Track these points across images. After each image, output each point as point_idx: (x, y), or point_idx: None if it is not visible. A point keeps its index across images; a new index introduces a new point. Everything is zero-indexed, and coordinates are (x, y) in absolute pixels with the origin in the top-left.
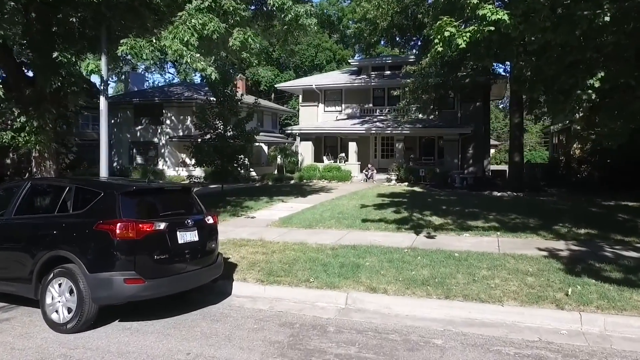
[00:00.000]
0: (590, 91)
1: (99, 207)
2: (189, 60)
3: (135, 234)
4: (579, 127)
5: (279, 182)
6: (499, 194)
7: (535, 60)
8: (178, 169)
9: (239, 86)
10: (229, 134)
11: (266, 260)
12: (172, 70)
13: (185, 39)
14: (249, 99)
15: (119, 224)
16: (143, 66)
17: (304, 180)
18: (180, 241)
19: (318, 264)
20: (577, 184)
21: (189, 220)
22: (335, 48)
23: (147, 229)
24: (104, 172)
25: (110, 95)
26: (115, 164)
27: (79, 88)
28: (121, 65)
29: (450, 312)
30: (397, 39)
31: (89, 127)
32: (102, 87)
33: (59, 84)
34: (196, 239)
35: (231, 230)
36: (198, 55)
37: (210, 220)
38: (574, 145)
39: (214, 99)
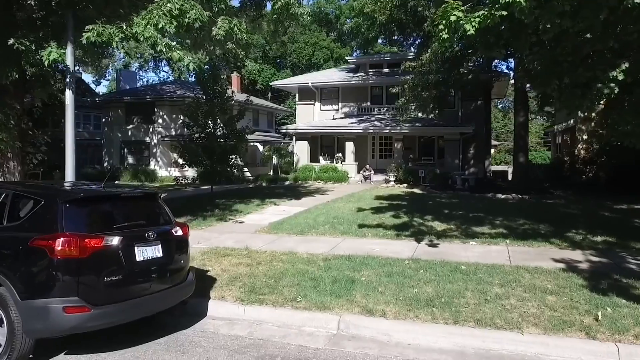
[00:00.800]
0: (612, 84)
1: (37, 218)
2: (163, 49)
3: (79, 252)
4: (583, 127)
5: (273, 183)
6: (503, 197)
7: (549, 50)
8: (170, 170)
9: (234, 84)
10: (219, 133)
11: (250, 273)
12: (166, 68)
13: (160, 26)
14: (242, 97)
15: (58, 240)
16: (137, 64)
17: (299, 182)
18: (138, 258)
19: (307, 279)
20: (582, 186)
21: (150, 233)
22: (333, 46)
23: (95, 245)
24: (69, 176)
25: (101, 94)
26: (105, 164)
27: (47, 80)
28: (100, 58)
29: (460, 340)
30: (396, 35)
31: (79, 127)
32: (67, 79)
33: (17, 75)
34: (159, 254)
35: (215, 237)
36: (174, 43)
37: (178, 232)
38: (579, 146)
39: (205, 97)
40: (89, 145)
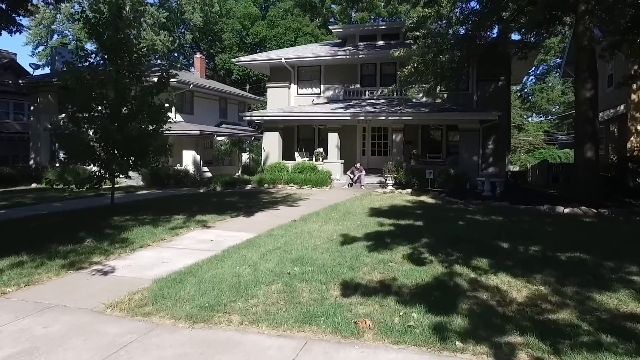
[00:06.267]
0: None
1: None
2: None
3: None
4: (638, 115)
5: (230, 187)
6: (567, 211)
7: None
8: None
9: (197, 67)
10: (125, 110)
11: None
12: None
13: None
14: (199, 77)
15: None
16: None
17: (265, 185)
18: None
19: None
20: None
21: None
22: (318, 33)
23: None
24: None
25: (28, 76)
26: (31, 162)
27: None
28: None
29: None
30: None
31: (8, 117)
32: None
33: None
34: None
35: None
36: None
37: None
38: (633, 139)
39: (103, 54)
40: (20, 140)
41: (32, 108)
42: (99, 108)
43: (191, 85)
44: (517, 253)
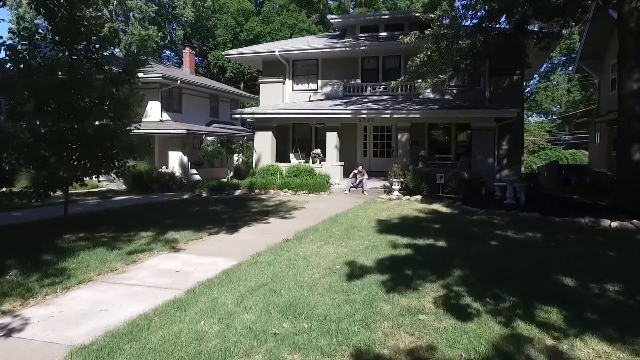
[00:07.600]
0: None
1: None
2: None
3: None
4: None
5: (218, 192)
6: (614, 225)
7: None
8: None
9: (186, 62)
10: (82, 103)
11: None
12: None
13: None
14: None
15: None
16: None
17: (256, 190)
18: None
19: None
20: None
21: None
22: (314, 29)
23: None
24: None
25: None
26: (4, 164)
27: None
28: None
29: None
30: None
31: None
32: None
33: None
34: None
35: None
36: None
37: None
38: None
39: (54, 36)
40: None
41: (6, 106)
42: (49, 101)
43: (178, 82)
44: (592, 296)
